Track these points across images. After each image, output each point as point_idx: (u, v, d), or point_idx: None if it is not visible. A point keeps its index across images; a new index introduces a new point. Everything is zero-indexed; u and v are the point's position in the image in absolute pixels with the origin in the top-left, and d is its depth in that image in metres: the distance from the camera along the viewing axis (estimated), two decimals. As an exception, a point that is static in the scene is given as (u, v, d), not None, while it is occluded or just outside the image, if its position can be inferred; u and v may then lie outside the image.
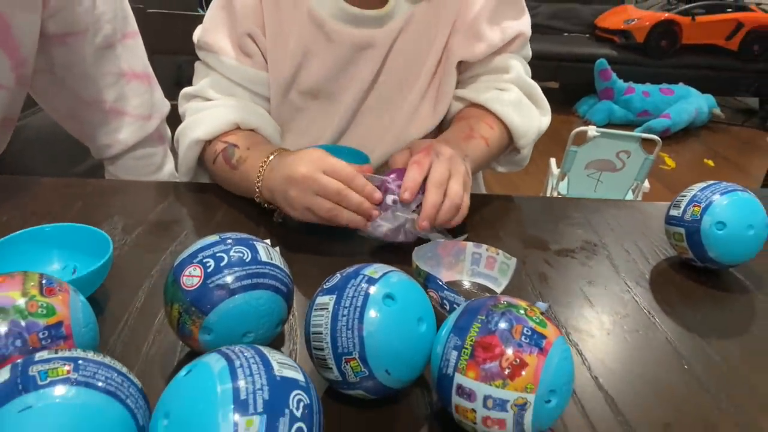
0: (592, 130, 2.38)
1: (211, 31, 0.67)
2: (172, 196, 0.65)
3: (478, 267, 0.51)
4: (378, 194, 0.52)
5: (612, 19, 4.05)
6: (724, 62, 3.99)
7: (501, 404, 0.32)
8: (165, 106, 0.88)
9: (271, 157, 0.57)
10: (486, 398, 0.32)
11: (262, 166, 0.57)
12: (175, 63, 1.59)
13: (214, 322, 0.36)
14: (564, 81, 4.01)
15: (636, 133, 2.36)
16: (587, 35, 4.17)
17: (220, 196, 0.65)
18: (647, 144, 2.43)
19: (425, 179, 0.53)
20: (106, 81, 0.79)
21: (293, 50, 0.66)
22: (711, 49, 3.96)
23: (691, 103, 3.57)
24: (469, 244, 0.51)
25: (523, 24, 0.71)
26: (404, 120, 0.70)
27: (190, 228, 0.58)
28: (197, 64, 0.71)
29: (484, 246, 0.51)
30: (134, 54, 0.82)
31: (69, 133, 0.87)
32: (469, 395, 0.33)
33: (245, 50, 0.66)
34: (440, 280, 0.45)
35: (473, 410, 0.33)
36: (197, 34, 0.69)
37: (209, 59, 0.67)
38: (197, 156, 0.66)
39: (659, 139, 2.34)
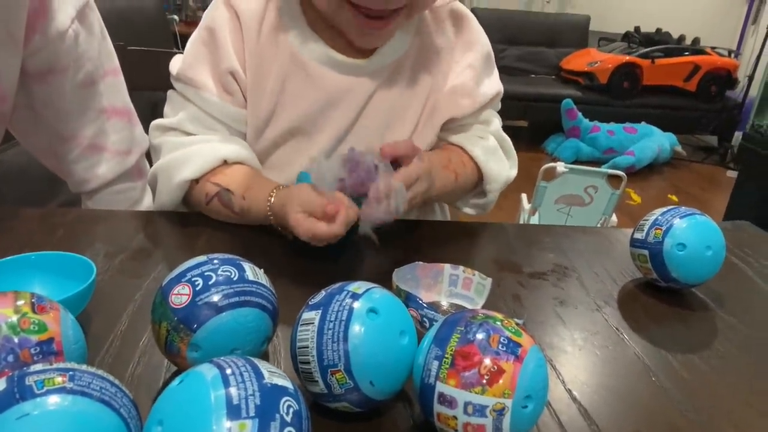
0: (560, 166, 2.46)
1: (193, 67, 0.67)
2: (154, 223, 0.66)
3: (455, 288, 0.53)
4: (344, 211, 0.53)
5: (576, 61, 4.22)
6: (684, 102, 4.17)
7: (480, 410, 0.33)
8: (144, 141, 0.89)
9: (272, 196, 0.59)
10: (466, 404, 0.34)
11: (269, 206, 0.59)
12: (150, 100, 1.60)
13: (202, 339, 0.37)
14: (533, 120, 4.14)
15: (602, 169, 2.44)
16: (553, 77, 4.33)
17: (201, 223, 0.66)
18: (613, 180, 2.51)
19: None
20: (86, 117, 0.80)
21: (272, 88, 0.67)
22: (671, 90, 4.15)
23: (653, 141, 3.71)
24: (447, 266, 0.53)
25: (498, 80, 0.77)
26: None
27: (172, 254, 0.59)
28: (172, 94, 0.70)
29: (461, 267, 0.53)
30: (115, 91, 0.83)
31: (42, 169, 0.87)
32: (450, 402, 0.34)
33: (227, 88, 0.67)
34: (420, 299, 0.47)
35: (454, 417, 0.34)
36: (176, 66, 0.69)
37: (188, 93, 0.67)
38: (183, 195, 0.66)
39: (624, 175, 2.43)
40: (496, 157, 0.74)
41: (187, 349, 0.38)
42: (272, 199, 0.59)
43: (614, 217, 2.35)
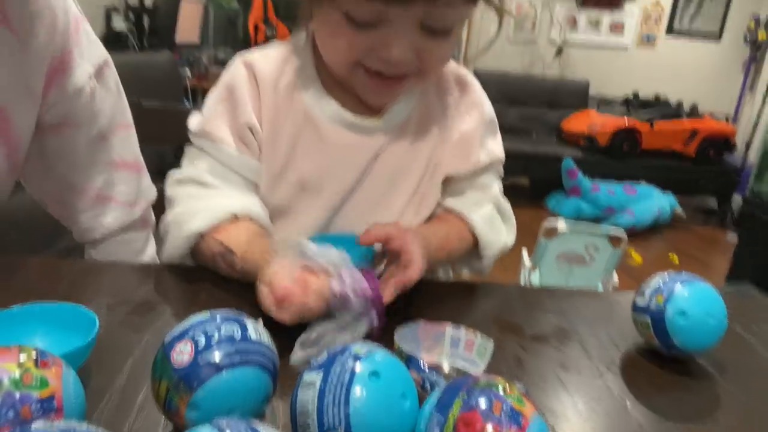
0: (561, 224, 2.47)
1: (212, 121, 0.70)
2: (157, 276, 0.66)
3: (457, 350, 0.53)
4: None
5: (576, 123, 4.31)
6: (683, 165, 4.23)
7: (482, 480, 0.33)
8: (152, 192, 0.91)
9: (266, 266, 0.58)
10: (467, 474, 0.33)
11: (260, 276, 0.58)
12: (157, 152, 1.64)
13: (201, 398, 0.37)
14: (534, 177, 4.19)
15: (603, 228, 2.46)
16: (554, 137, 4.41)
17: (203, 277, 0.66)
18: (614, 239, 2.52)
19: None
20: (96, 169, 0.81)
21: (286, 143, 0.70)
22: (670, 154, 4.22)
23: (653, 202, 3.74)
24: (449, 327, 0.53)
25: (501, 146, 0.79)
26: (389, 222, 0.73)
27: (174, 308, 0.59)
28: (190, 149, 0.72)
29: (463, 328, 0.53)
30: (126, 144, 0.85)
31: (43, 217, 0.88)
32: (451, 471, 0.34)
33: (244, 140, 0.69)
34: (421, 362, 0.46)
35: (455, 487, 0.33)
36: (195, 123, 0.71)
37: (206, 146, 0.70)
38: (191, 247, 0.66)
39: (625, 235, 2.44)
40: (493, 226, 0.75)
41: (186, 408, 0.37)
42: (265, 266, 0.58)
43: (615, 277, 2.35)
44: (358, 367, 0.37)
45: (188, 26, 3.41)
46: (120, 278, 0.66)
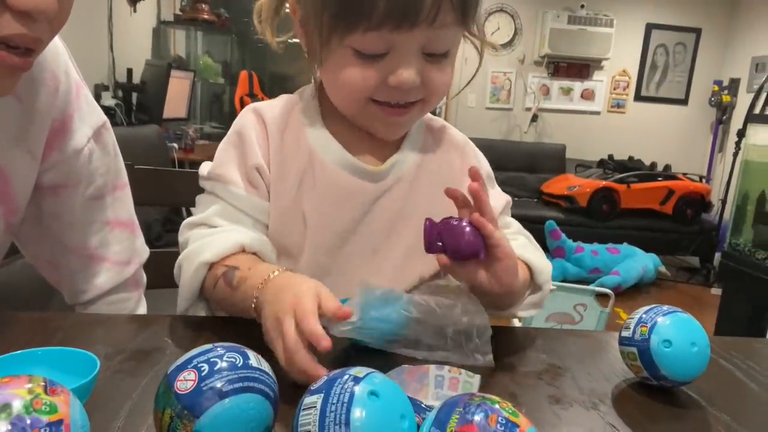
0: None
1: (222, 165, 0.73)
2: (153, 326, 0.67)
3: (442, 389, 0.53)
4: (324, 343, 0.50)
5: (556, 186, 4.43)
6: (662, 224, 4.33)
7: (482, 491, 0.34)
8: (145, 252, 0.92)
9: (273, 275, 0.60)
10: (468, 486, 0.34)
11: (261, 284, 0.59)
12: (145, 222, 1.65)
13: (205, 425, 0.38)
14: (518, 241, 4.24)
15: (589, 287, 2.48)
16: (535, 200, 4.51)
17: (201, 327, 0.67)
18: (602, 299, 2.54)
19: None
20: (91, 228, 0.83)
21: (292, 182, 0.73)
22: (648, 213, 4.32)
23: (637, 261, 3.80)
24: (432, 367, 0.54)
25: (503, 193, 0.84)
26: (392, 269, 0.76)
27: (171, 355, 0.60)
28: (201, 197, 0.75)
29: (446, 367, 0.54)
30: (122, 204, 0.87)
31: (30, 283, 0.88)
32: (451, 484, 0.34)
33: (253, 182, 0.73)
34: (421, 402, 0.47)
35: (456, 500, 0.34)
36: (206, 168, 0.75)
37: (217, 189, 0.73)
38: (202, 279, 0.67)
39: (612, 293, 2.46)
40: (533, 250, 0.76)
41: (189, 436, 0.38)
42: (273, 275, 0.59)
43: (605, 335, 2.35)
44: (358, 388, 0.38)
45: (176, 101, 3.51)
46: (115, 329, 0.67)
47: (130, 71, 3.29)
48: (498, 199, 0.81)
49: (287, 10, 0.76)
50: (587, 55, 4.86)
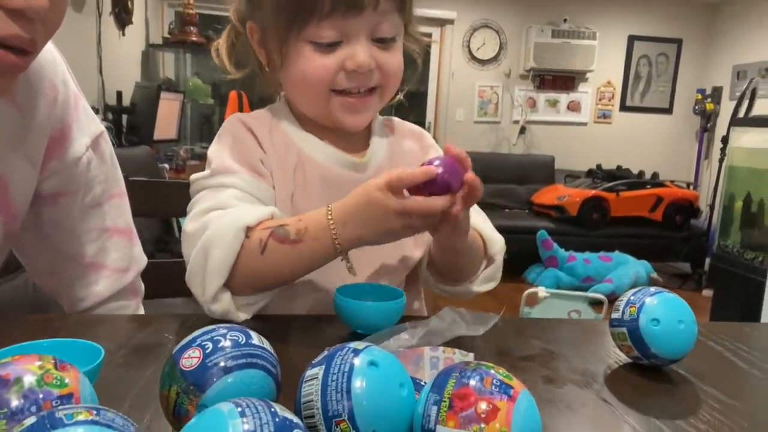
0: (542, 291, 2.51)
1: (225, 160, 0.75)
2: (154, 324, 0.68)
3: (437, 370, 0.54)
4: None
5: (546, 196, 4.46)
6: (652, 231, 4.38)
7: (480, 448, 0.35)
8: (143, 260, 0.93)
9: (330, 211, 0.66)
10: (466, 444, 0.35)
11: (331, 222, 0.65)
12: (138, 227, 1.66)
13: (210, 399, 0.39)
14: (510, 251, 4.24)
15: (582, 293, 2.50)
16: (526, 211, 4.55)
17: (202, 322, 0.68)
18: (595, 305, 2.55)
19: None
20: (90, 236, 0.84)
21: (288, 177, 0.77)
22: (638, 220, 4.36)
23: (629, 268, 3.83)
24: (426, 349, 0.55)
25: None
26: (387, 253, 0.80)
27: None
28: (203, 193, 0.73)
29: (441, 348, 0.55)
30: (119, 211, 0.88)
31: (22, 307, 0.88)
32: (450, 444, 0.36)
33: (258, 172, 0.75)
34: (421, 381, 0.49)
35: (455, 459, 0.36)
36: (198, 175, 0.76)
37: (225, 180, 0.73)
38: (240, 248, 0.66)
39: (605, 298, 2.48)
40: (483, 220, 0.82)
41: (195, 411, 0.39)
42: (331, 211, 0.66)
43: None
44: (357, 359, 0.39)
45: (166, 123, 3.53)
46: (117, 327, 0.68)
47: (119, 94, 3.31)
48: None
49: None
50: (572, 67, 4.94)
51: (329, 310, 0.68)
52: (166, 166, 3.44)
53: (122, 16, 3.44)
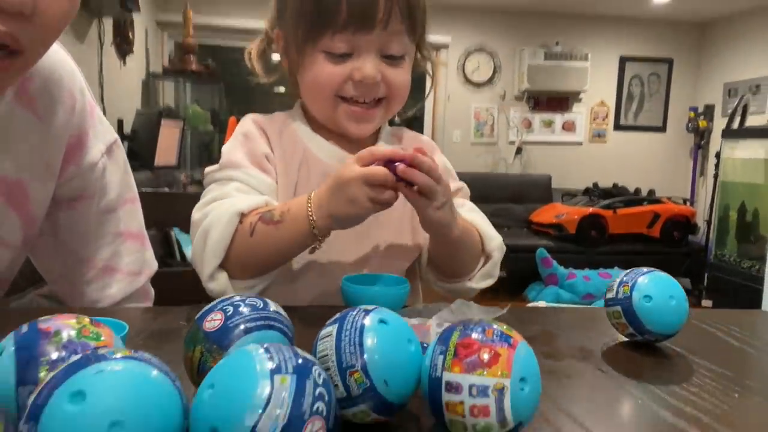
0: (542, 304, 2.53)
1: (234, 157, 0.80)
2: (169, 314, 0.71)
3: None
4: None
5: (544, 215, 4.50)
6: (651, 248, 4.40)
7: (483, 390, 0.38)
8: (154, 264, 0.96)
9: (311, 196, 0.70)
10: (471, 387, 0.38)
11: (309, 205, 0.69)
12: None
13: (232, 357, 0.42)
14: (510, 269, 4.28)
15: (582, 307, 2.51)
16: (524, 229, 4.58)
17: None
18: (595, 316, 2.54)
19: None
20: (104, 240, 0.87)
21: (292, 175, 0.82)
22: (637, 237, 4.40)
23: (629, 284, 3.84)
24: (433, 324, 0.58)
25: (460, 181, 0.92)
26: (384, 250, 0.83)
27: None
28: (211, 186, 0.80)
29: (446, 324, 0.58)
30: (132, 216, 0.91)
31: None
32: (456, 388, 0.39)
33: (263, 167, 0.81)
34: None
35: (461, 402, 0.38)
36: (212, 167, 0.83)
37: (232, 173, 0.79)
38: (234, 231, 0.72)
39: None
40: (482, 219, 0.85)
41: (218, 368, 0.42)
42: (312, 195, 0.70)
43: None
44: (368, 318, 0.43)
45: (166, 149, 3.58)
46: (134, 316, 0.71)
47: (120, 122, 3.38)
48: (454, 185, 0.89)
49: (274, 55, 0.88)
50: (565, 88, 5.04)
51: (332, 300, 0.72)
52: (167, 190, 3.48)
53: (123, 46, 3.53)
